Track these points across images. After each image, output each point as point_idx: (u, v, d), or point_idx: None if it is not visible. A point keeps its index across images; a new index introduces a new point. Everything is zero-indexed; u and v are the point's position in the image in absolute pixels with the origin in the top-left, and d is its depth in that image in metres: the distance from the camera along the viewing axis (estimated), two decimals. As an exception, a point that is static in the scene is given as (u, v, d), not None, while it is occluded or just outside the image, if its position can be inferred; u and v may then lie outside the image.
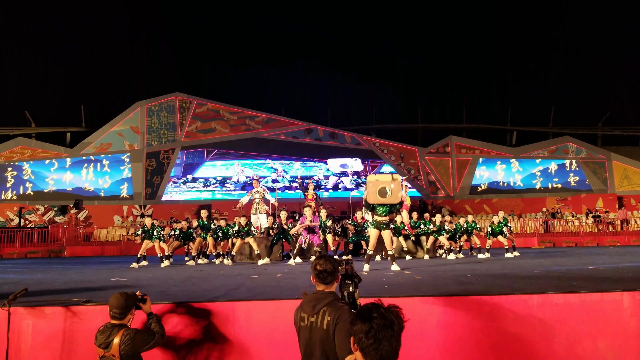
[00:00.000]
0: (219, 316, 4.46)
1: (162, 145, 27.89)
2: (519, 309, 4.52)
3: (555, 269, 8.07)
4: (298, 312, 3.07)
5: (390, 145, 29.56)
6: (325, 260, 3.10)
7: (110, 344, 3.64)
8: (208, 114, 28.64)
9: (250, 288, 5.94)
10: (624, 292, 4.62)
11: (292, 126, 29.16)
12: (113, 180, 27.28)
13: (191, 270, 9.76)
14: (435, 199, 28.45)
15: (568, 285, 5.44)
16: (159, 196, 27.31)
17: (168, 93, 28.57)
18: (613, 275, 6.51)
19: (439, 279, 6.71)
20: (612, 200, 27.82)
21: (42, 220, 25.64)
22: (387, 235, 9.01)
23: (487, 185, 29.15)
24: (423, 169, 29.13)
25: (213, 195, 28.49)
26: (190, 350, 4.34)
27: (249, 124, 28.82)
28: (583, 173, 29.01)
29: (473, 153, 29.34)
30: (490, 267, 8.91)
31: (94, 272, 9.69)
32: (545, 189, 28.98)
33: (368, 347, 2.08)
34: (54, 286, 6.69)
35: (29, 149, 27.00)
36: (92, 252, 21.49)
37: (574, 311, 4.52)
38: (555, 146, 29.62)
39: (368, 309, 2.18)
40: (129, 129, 27.77)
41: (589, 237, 22.54)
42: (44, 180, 26.79)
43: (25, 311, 4.42)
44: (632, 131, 33.30)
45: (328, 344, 2.82)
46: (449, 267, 9.28)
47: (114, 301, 3.79)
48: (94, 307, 4.47)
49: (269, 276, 7.71)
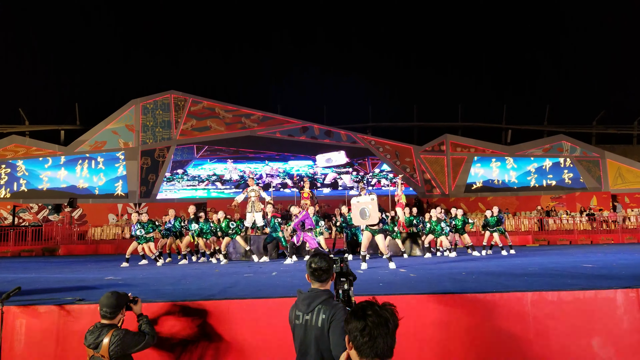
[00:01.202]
0: (214, 314, 4.45)
1: (157, 143, 27.80)
2: (513, 306, 4.54)
3: (549, 266, 8.11)
4: (293, 310, 3.07)
5: (386, 143, 29.60)
6: (320, 258, 3.09)
7: (100, 345, 3.59)
8: (203, 112, 28.57)
9: (245, 286, 5.94)
10: (617, 290, 4.65)
11: (287, 124, 29.13)
12: (108, 178, 27.17)
13: (186, 269, 9.74)
14: (430, 197, 28.52)
15: (562, 282, 5.47)
16: (154, 194, 27.24)
17: (163, 91, 28.50)
18: (607, 273, 6.55)
19: (434, 276, 6.73)
20: (606, 199, 27.97)
21: (36, 218, 25.50)
22: (380, 240, 9.20)
23: (482, 183, 29.26)
24: (418, 167, 29.19)
25: (208, 194, 28.40)
26: (185, 349, 4.33)
27: (244, 122, 28.77)
28: (577, 171, 29.17)
29: (468, 151, 29.43)
30: (485, 265, 8.94)
31: (88, 271, 9.65)
32: (540, 187, 29.12)
33: (363, 344, 2.08)
34: (48, 285, 6.65)
35: (23, 147, 26.85)
36: (86, 250, 21.40)
37: (568, 308, 4.54)
38: (549, 144, 29.77)
39: (363, 306, 2.18)
40: (124, 127, 27.66)
41: (583, 235, 22.65)
42: (38, 179, 26.65)
43: (19, 310, 4.39)
44: (626, 130, 33.48)
45: (323, 342, 2.82)
46: (444, 265, 9.31)
47: (104, 300, 3.75)
48: (87, 306, 4.45)
49: (264, 274, 7.71)
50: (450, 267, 8.49)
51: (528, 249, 17.27)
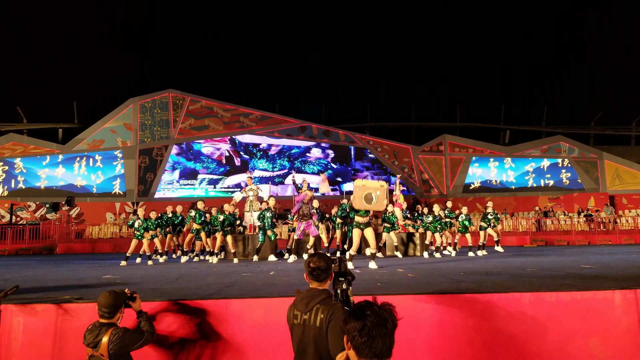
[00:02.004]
0: (212, 314, 4.44)
1: (155, 142, 27.76)
2: (511, 307, 4.54)
3: (547, 267, 8.12)
4: (291, 309, 3.06)
5: (384, 143, 29.61)
6: (319, 257, 3.09)
7: (99, 343, 3.58)
8: (202, 111, 28.54)
9: (243, 286, 5.93)
10: (615, 290, 4.66)
11: (286, 124, 29.12)
12: (105, 177, 27.12)
13: (184, 268, 9.73)
14: (428, 197, 28.54)
15: (560, 283, 5.47)
16: (151, 193, 27.19)
17: (161, 90, 28.45)
18: (604, 274, 6.56)
19: (432, 276, 6.74)
20: (603, 199, 28.04)
21: (34, 217, 25.45)
22: (369, 233, 9.12)
23: (480, 183, 29.29)
24: (417, 167, 29.21)
25: (206, 193, 28.37)
26: (183, 348, 4.33)
27: (242, 121, 28.75)
28: (575, 172, 29.22)
29: (466, 152, 29.47)
30: (483, 265, 8.95)
31: (85, 270, 9.63)
32: (538, 188, 29.17)
33: (361, 344, 2.07)
34: (46, 283, 6.64)
35: (21, 145, 26.79)
36: (83, 249, 21.37)
37: (565, 309, 4.55)
38: (548, 145, 29.82)
39: (361, 306, 2.17)
40: (122, 126, 27.62)
41: (581, 235, 22.68)
42: (35, 177, 26.59)
43: (16, 308, 4.38)
44: (624, 131, 33.55)
45: (321, 342, 2.81)
46: (442, 265, 9.32)
47: (102, 300, 3.73)
48: (85, 305, 4.44)
49: (263, 274, 7.70)
50: (448, 267, 8.50)
51: (526, 249, 17.29)
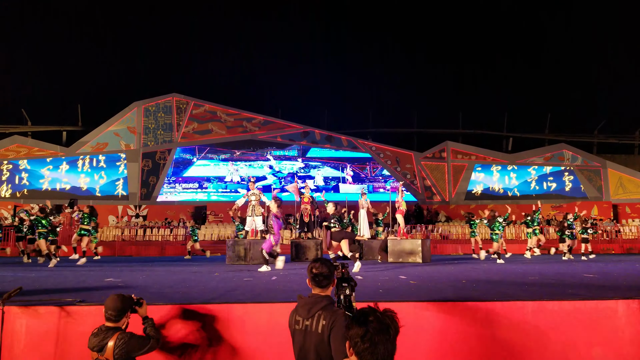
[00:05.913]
0: (214, 318, 4.44)
1: (159, 145, 27.86)
2: (513, 315, 4.53)
3: (550, 275, 8.10)
4: (293, 315, 3.07)
5: (387, 149, 29.63)
6: (322, 263, 3.09)
7: (104, 348, 3.57)
8: (205, 116, 28.64)
9: (245, 290, 5.93)
10: (618, 300, 4.63)
11: (288, 129, 29.18)
12: (109, 179, 27.22)
13: (186, 272, 9.73)
14: (430, 204, 28.52)
15: (563, 292, 5.46)
16: (154, 197, 27.24)
17: (165, 94, 28.58)
18: (607, 283, 6.54)
19: (435, 284, 6.72)
20: (607, 208, 27.95)
21: (37, 219, 25.47)
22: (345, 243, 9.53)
23: (483, 190, 29.25)
24: (419, 174, 29.20)
25: (209, 197, 28.39)
26: (184, 352, 4.32)
27: (245, 125, 28.84)
28: (578, 180, 29.16)
29: (469, 159, 29.45)
30: (486, 273, 8.93)
31: (88, 272, 9.64)
32: (541, 196, 29.08)
33: (364, 350, 2.08)
34: (48, 286, 6.65)
35: (25, 147, 26.94)
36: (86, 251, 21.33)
37: (568, 318, 4.53)
38: (551, 153, 29.77)
39: (364, 313, 2.18)
40: (126, 129, 27.75)
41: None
42: (39, 179, 26.70)
43: (20, 310, 4.39)
44: (627, 139, 33.45)
45: (322, 348, 2.81)
46: (445, 272, 9.29)
47: (110, 303, 3.73)
48: (88, 308, 4.44)
49: (264, 279, 7.70)
50: (450, 275, 8.48)
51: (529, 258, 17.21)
